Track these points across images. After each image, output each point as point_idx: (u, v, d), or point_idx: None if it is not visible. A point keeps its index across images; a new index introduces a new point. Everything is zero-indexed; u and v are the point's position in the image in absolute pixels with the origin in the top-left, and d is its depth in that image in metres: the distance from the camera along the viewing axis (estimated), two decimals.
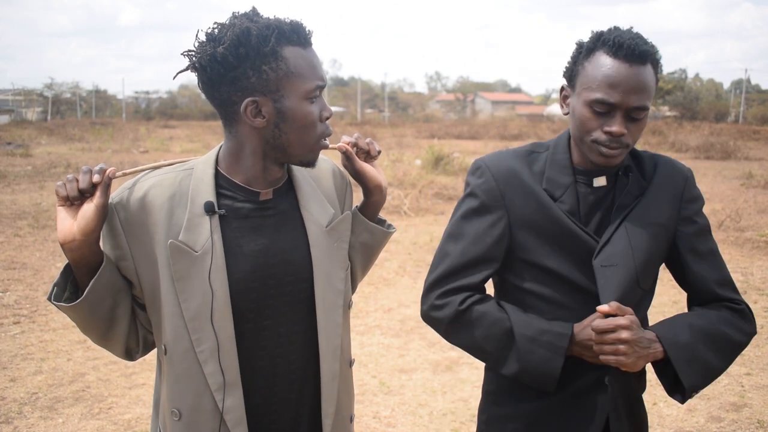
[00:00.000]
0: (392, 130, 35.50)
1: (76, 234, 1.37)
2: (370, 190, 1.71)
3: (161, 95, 69.64)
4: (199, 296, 1.42)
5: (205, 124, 41.31)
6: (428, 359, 4.95)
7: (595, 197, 1.64)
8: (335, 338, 1.57)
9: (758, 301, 6.35)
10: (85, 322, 1.45)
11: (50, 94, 54.73)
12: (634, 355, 1.50)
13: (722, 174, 16.86)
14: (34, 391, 4.32)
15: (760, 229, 9.68)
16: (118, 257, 1.46)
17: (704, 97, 68.49)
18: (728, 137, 26.74)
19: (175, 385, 1.48)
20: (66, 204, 1.40)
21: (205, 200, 1.44)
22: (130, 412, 4.07)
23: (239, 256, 1.46)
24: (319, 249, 1.54)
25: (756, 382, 4.58)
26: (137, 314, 1.54)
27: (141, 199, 1.44)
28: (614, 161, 1.56)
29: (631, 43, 1.50)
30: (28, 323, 5.60)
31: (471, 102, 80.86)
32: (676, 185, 1.66)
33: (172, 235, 1.43)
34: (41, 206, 11.11)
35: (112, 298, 1.45)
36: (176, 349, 1.45)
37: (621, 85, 1.51)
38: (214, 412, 1.45)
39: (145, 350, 1.59)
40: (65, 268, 1.44)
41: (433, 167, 15.21)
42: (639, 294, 1.63)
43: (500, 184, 1.65)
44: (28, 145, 22.70)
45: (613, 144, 1.54)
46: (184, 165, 1.52)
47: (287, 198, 1.55)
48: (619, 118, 1.53)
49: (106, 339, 1.51)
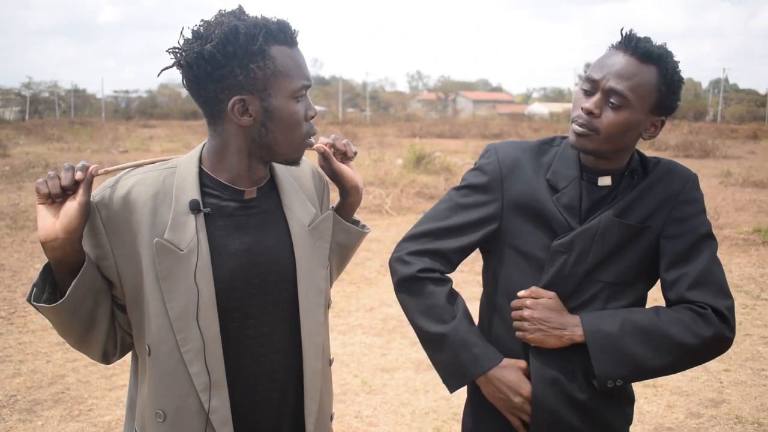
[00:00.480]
0: (374, 129, 35.48)
1: (59, 232, 1.35)
2: (347, 191, 1.72)
3: (141, 94, 69.17)
4: (184, 295, 1.41)
5: (185, 124, 41.06)
6: (410, 358, 4.96)
7: (598, 196, 1.67)
8: (317, 337, 1.57)
9: (736, 298, 6.39)
10: (65, 323, 1.43)
11: (28, 94, 54.15)
12: (538, 332, 1.62)
13: (701, 172, 16.93)
14: (12, 394, 4.27)
15: (738, 226, 9.81)
16: (98, 256, 1.44)
17: (683, 96, 69.06)
18: (707, 136, 27.06)
19: (159, 386, 1.46)
20: (47, 202, 1.37)
21: (190, 198, 1.43)
22: (110, 413, 4.04)
23: (224, 255, 1.46)
24: (302, 248, 1.55)
25: (734, 378, 4.63)
26: (116, 316, 1.51)
27: (124, 197, 1.42)
28: (583, 142, 1.60)
29: (637, 39, 1.55)
30: (6, 325, 5.53)
31: (452, 101, 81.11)
32: (673, 186, 1.66)
33: (157, 233, 1.41)
34: (19, 207, 10.97)
35: (93, 299, 1.43)
36: (161, 349, 1.44)
37: (607, 66, 1.57)
38: (200, 412, 1.45)
39: (122, 353, 1.57)
40: (44, 268, 1.42)
41: (415, 166, 15.21)
42: (598, 286, 1.66)
43: (503, 169, 1.72)
44: (6, 145, 22.38)
45: (581, 121, 1.58)
46: (166, 163, 1.51)
47: (270, 197, 1.55)
48: (596, 97, 1.57)
49: (85, 342, 1.49)
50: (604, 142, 1.58)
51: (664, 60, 1.56)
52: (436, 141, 28.09)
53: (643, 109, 1.57)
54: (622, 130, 1.57)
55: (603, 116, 1.57)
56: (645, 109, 1.58)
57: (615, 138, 1.58)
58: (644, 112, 1.58)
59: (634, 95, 1.55)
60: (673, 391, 4.41)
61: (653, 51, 1.54)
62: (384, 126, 38.85)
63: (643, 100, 1.56)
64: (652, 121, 1.62)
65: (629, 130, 1.58)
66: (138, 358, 1.54)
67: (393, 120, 50.14)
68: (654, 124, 1.63)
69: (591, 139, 1.59)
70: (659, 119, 1.63)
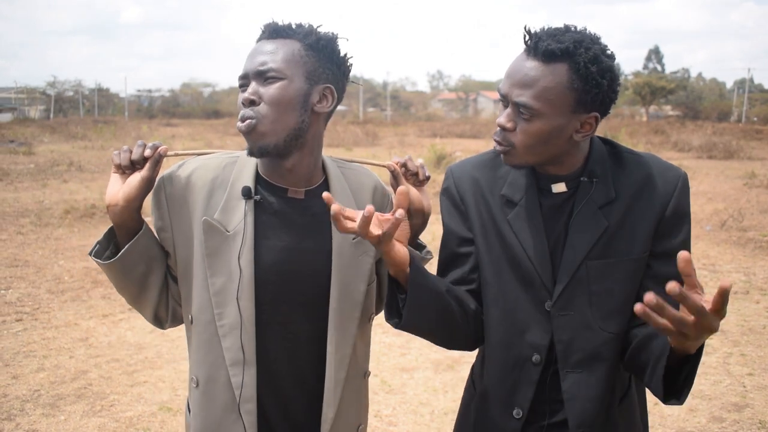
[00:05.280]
0: (394, 129, 35.48)
1: (120, 199, 1.49)
2: (412, 214, 1.70)
3: (163, 93, 69.65)
4: (225, 274, 1.50)
5: (207, 123, 41.35)
6: (430, 358, 4.95)
7: (553, 203, 1.55)
8: (346, 348, 1.58)
9: (760, 302, 6.35)
10: (119, 281, 1.57)
11: (53, 93, 54.72)
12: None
13: (725, 174, 16.83)
14: (36, 389, 4.32)
15: (762, 229, 9.66)
16: (159, 228, 1.58)
17: (707, 96, 68.45)
18: (731, 137, 26.71)
19: (197, 354, 1.57)
20: (119, 171, 1.53)
21: (243, 185, 1.52)
22: (131, 409, 4.08)
23: (265, 246, 1.52)
24: (341, 258, 1.56)
25: (758, 382, 4.57)
26: (169, 286, 1.63)
27: (186, 178, 1.55)
28: (507, 159, 1.50)
29: (538, 38, 1.42)
30: (30, 321, 5.61)
31: (473, 101, 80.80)
32: (660, 196, 1.52)
33: (209, 214, 1.52)
34: (44, 204, 11.11)
35: (146, 265, 1.56)
36: (200, 319, 1.54)
37: (511, 76, 1.45)
38: (227, 385, 1.52)
39: (173, 322, 1.69)
40: (109, 229, 1.57)
41: (435, 166, 15.19)
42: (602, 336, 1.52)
43: (459, 191, 1.65)
44: (31, 143, 22.70)
45: (497, 137, 1.49)
46: (231, 153, 1.62)
47: (320, 202, 1.55)
48: (507, 110, 1.46)
49: (138, 302, 1.62)
50: (526, 154, 1.47)
51: (572, 54, 1.38)
52: (456, 141, 28.03)
53: (560, 113, 1.42)
54: (541, 140, 1.44)
55: (518, 129, 1.45)
56: (563, 112, 1.42)
57: (536, 149, 1.46)
58: (563, 115, 1.43)
59: (540, 103, 1.40)
60: (695, 395, 4.36)
61: (556, 49, 1.38)
62: (405, 126, 38.84)
63: (554, 104, 1.41)
64: (581, 120, 1.45)
65: (551, 138, 1.44)
66: (186, 328, 1.65)
67: (414, 120, 50.10)
68: (586, 122, 1.46)
69: (511, 154, 1.49)
70: (590, 116, 1.45)
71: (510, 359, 1.59)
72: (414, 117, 55.96)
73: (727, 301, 1.13)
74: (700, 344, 1.27)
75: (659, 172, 1.54)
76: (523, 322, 1.57)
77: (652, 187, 1.52)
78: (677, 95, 56.03)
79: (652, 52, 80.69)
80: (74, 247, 8.16)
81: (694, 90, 66.34)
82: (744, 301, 6.37)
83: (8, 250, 7.99)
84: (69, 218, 9.81)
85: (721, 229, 9.60)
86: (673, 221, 1.52)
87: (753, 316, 5.96)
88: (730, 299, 6.36)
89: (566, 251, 1.52)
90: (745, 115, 50.54)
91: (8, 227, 9.29)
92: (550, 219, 1.55)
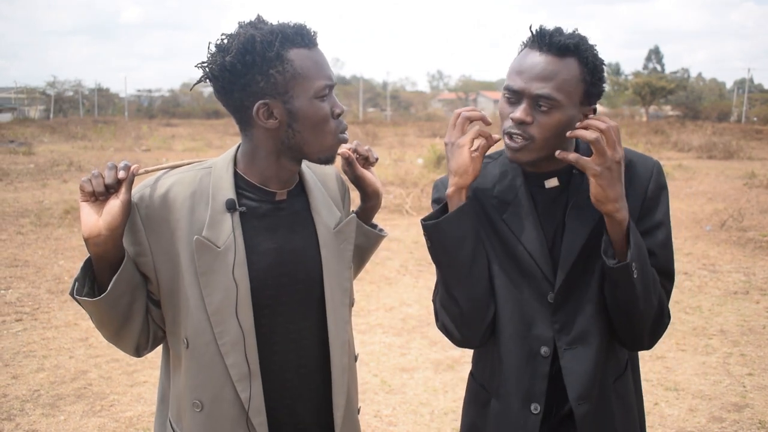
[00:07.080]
0: (394, 128, 35.46)
1: (102, 229, 1.41)
2: (368, 195, 1.82)
3: (163, 94, 69.63)
4: (222, 290, 1.47)
5: (207, 123, 41.35)
6: (430, 358, 4.95)
7: (547, 198, 1.62)
8: (343, 334, 1.63)
9: (760, 302, 6.35)
10: (104, 316, 1.48)
11: (53, 93, 54.74)
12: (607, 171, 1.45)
13: (725, 174, 16.82)
14: (36, 389, 4.32)
15: (762, 229, 9.67)
16: (137, 253, 1.50)
17: (707, 96, 68.48)
18: (731, 137, 26.70)
19: (196, 377, 1.52)
20: (91, 199, 1.44)
21: (226, 198, 1.49)
22: (131, 409, 4.08)
23: (256, 253, 1.53)
24: (328, 250, 1.60)
25: (758, 382, 4.57)
26: (150, 311, 1.57)
27: (163, 196, 1.49)
28: (519, 156, 1.54)
29: (550, 34, 1.49)
30: (30, 321, 5.61)
31: (473, 101, 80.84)
32: (641, 181, 1.60)
33: (195, 231, 1.48)
34: (43, 204, 11.12)
35: (131, 294, 1.49)
36: (198, 341, 1.50)
37: (526, 71, 1.50)
38: (235, 401, 1.51)
39: (153, 346, 1.63)
40: (85, 263, 1.48)
41: (435, 166, 15.20)
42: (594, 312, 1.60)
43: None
44: (31, 143, 22.71)
45: (515, 131, 1.51)
46: (202, 164, 1.58)
47: (299, 200, 1.61)
48: (524, 105, 1.50)
49: (119, 335, 1.54)
50: (542, 148, 1.52)
51: (581, 49, 1.49)
52: None
53: (573, 104, 1.51)
54: (558, 131, 1.51)
55: (536, 122, 1.50)
56: (575, 103, 1.51)
57: (552, 141, 1.52)
58: (575, 106, 1.51)
59: (561, 94, 1.48)
60: (695, 395, 4.36)
61: (569, 43, 1.47)
62: (404, 126, 38.82)
63: (571, 95, 1.49)
64: (584, 112, 1.54)
65: (565, 130, 1.51)
66: (171, 352, 1.59)
67: (413, 120, 50.12)
68: (585, 115, 1.55)
69: (528, 149, 1.52)
70: (590, 109, 1.55)
71: (523, 354, 1.63)
72: (414, 117, 55.99)
73: (613, 141, 1.44)
74: (617, 197, 1.45)
75: (638, 159, 1.63)
76: (529, 316, 1.62)
77: (633, 172, 1.60)
78: (677, 95, 56.01)
79: (652, 52, 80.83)
80: (74, 247, 8.16)
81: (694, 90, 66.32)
82: (744, 301, 6.37)
83: (8, 250, 8.00)
84: (69, 218, 9.81)
85: (721, 229, 9.60)
86: (653, 199, 1.60)
87: (753, 316, 5.96)
88: (731, 299, 6.37)
89: (565, 241, 1.59)
90: (745, 115, 50.54)
91: (8, 227, 9.30)
92: (546, 214, 1.62)
